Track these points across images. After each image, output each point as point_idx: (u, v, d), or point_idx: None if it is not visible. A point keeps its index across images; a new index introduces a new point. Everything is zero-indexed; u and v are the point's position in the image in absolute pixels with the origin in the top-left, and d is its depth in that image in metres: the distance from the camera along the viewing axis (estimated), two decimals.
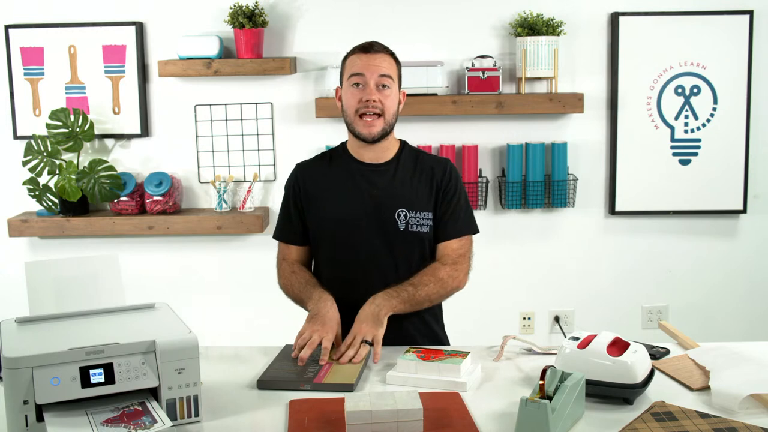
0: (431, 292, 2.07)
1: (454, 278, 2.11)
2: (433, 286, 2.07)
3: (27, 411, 1.44)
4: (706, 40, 3.45)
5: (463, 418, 1.57)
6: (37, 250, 3.54)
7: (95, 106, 3.46)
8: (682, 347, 1.98)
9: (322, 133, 3.47)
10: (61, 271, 1.76)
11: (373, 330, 1.94)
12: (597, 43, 3.48)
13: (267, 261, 3.53)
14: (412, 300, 2.04)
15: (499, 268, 3.55)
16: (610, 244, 3.60)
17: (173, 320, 1.66)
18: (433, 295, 2.08)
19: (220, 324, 3.54)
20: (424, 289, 2.06)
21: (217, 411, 1.63)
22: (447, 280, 2.10)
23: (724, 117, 3.49)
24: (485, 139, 3.51)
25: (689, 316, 3.61)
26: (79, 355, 1.47)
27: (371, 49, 2.12)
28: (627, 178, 3.52)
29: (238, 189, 3.52)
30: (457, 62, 3.47)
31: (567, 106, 3.38)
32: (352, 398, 1.52)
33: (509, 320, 3.63)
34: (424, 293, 2.06)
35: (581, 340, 1.71)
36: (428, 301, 2.08)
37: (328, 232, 2.16)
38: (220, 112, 3.49)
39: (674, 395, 1.67)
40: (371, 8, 3.43)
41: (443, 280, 2.09)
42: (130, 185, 3.41)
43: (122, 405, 1.49)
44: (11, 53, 3.42)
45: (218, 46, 3.33)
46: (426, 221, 2.13)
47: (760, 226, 3.60)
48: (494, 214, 3.54)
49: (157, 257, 3.54)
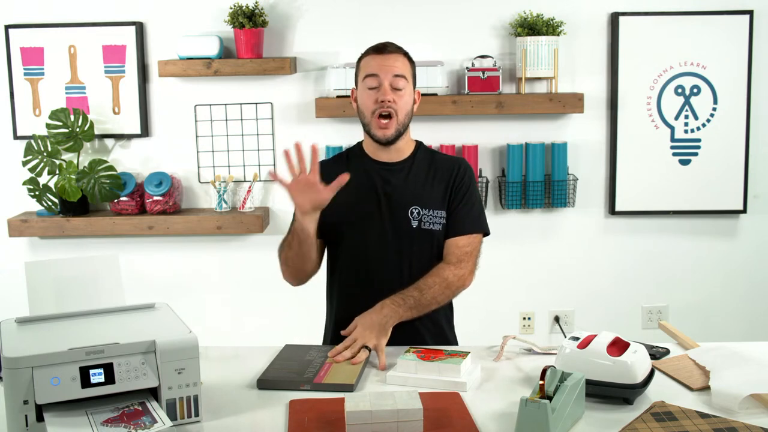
0: (437, 293, 2.08)
1: (459, 277, 2.11)
2: (438, 287, 2.08)
3: (27, 411, 1.44)
4: (706, 40, 3.45)
5: (463, 418, 1.57)
6: (37, 250, 3.54)
7: (95, 106, 3.46)
8: (682, 347, 1.98)
9: (322, 133, 3.48)
10: (61, 271, 1.76)
11: (376, 339, 1.93)
12: (597, 43, 3.48)
13: (267, 261, 3.54)
14: (418, 305, 2.05)
15: (499, 268, 3.54)
16: (610, 244, 3.60)
17: (173, 320, 1.66)
18: (439, 296, 2.08)
19: (220, 324, 3.54)
20: (430, 292, 2.07)
21: (217, 411, 1.63)
22: (452, 279, 2.10)
23: (724, 117, 3.49)
24: (485, 139, 3.51)
25: (689, 316, 3.61)
26: (79, 355, 1.47)
27: (385, 49, 2.14)
28: (627, 178, 3.52)
29: (238, 189, 3.52)
30: (457, 62, 3.47)
31: (567, 106, 3.38)
32: (352, 398, 1.52)
33: (509, 320, 3.63)
34: (429, 296, 2.06)
35: (581, 340, 1.71)
36: (435, 302, 2.08)
37: (342, 229, 2.16)
38: (220, 112, 3.49)
39: (674, 395, 1.67)
40: (371, 8, 3.44)
41: (448, 280, 2.09)
42: (130, 185, 3.41)
43: (122, 405, 1.49)
44: (11, 53, 3.42)
45: (218, 46, 3.33)
46: (439, 219, 2.14)
47: (760, 226, 3.60)
48: (494, 214, 3.54)
49: (157, 257, 3.54)
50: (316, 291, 2.33)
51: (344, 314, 2.15)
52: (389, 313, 1.99)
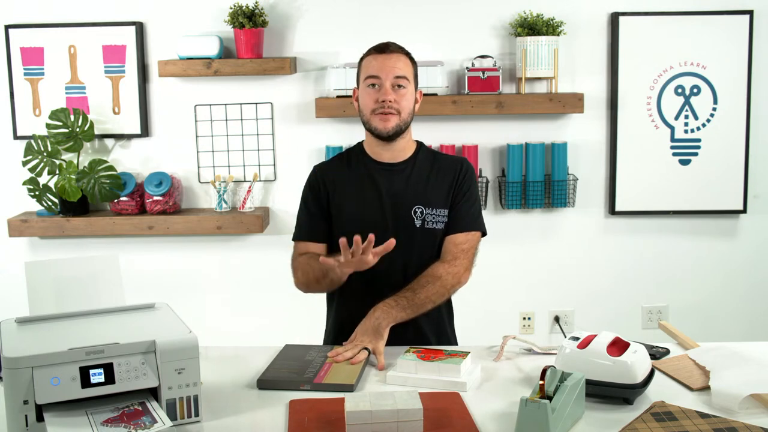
0: (431, 292, 2.07)
1: (453, 274, 2.11)
2: (431, 286, 2.07)
3: (27, 411, 1.44)
4: (706, 40, 3.45)
5: (463, 418, 1.57)
6: (37, 250, 3.54)
7: (95, 106, 3.46)
8: (682, 347, 1.98)
9: (322, 133, 3.48)
10: (61, 271, 1.76)
11: (373, 343, 1.94)
12: (597, 43, 3.48)
13: (267, 261, 3.56)
14: (411, 305, 2.04)
15: (499, 268, 3.55)
16: (610, 244, 3.60)
17: (173, 320, 1.66)
18: (433, 295, 2.08)
19: (220, 324, 3.54)
20: (423, 291, 2.06)
21: (217, 411, 1.63)
22: (446, 277, 2.10)
23: (724, 117, 3.49)
24: (485, 139, 3.51)
25: (689, 316, 3.61)
26: (79, 355, 1.47)
27: (387, 49, 2.14)
28: (627, 178, 3.52)
29: (238, 189, 3.52)
30: (457, 62, 3.47)
31: (567, 106, 3.38)
32: (352, 398, 1.52)
33: (509, 320, 3.63)
34: (423, 295, 2.06)
35: (581, 340, 1.71)
36: (430, 301, 2.08)
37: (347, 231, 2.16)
38: (220, 112, 3.49)
39: (674, 395, 1.67)
40: (371, 8, 3.44)
41: (442, 278, 2.09)
42: (130, 185, 3.41)
43: (122, 405, 1.49)
44: (11, 53, 3.42)
45: (218, 46, 3.33)
46: (442, 218, 2.15)
47: (760, 226, 3.60)
48: (494, 214, 3.54)
49: (157, 257, 3.54)
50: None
51: (347, 314, 2.16)
52: (381, 315, 2.00)
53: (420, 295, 2.06)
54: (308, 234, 2.22)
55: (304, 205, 2.24)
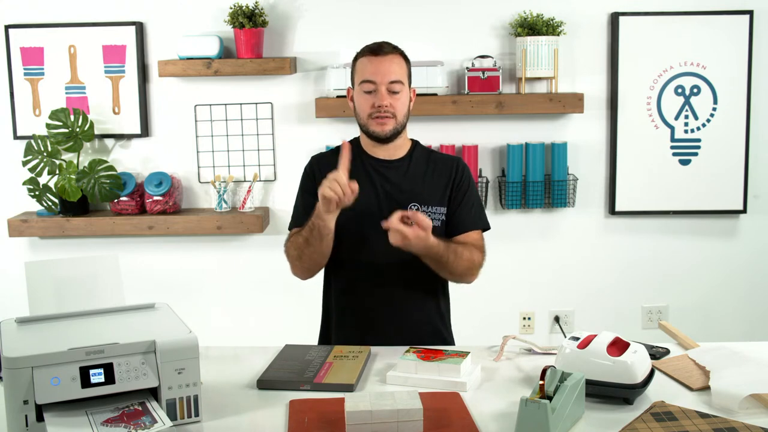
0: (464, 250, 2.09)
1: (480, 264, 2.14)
2: (465, 249, 2.09)
3: (27, 411, 1.44)
4: (706, 40, 3.45)
5: (463, 418, 1.57)
6: (37, 250, 3.54)
7: (95, 106, 3.46)
8: (682, 347, 1.98)
9: (322, 133, 3.48)
10: (61, 271, 1.76)
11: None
12: (597, 43, 3.48)
13: (267, 261, 3.56)
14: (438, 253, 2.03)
15: (499, 268, 3.54)
16: (610, 244, 3.60)
17: (173, 320, 1.66)
18: (464, 254, 2.09)
19: (220, 324, 3.54)
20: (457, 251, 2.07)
21: (217, 411, 1.63)
22: (476, 261, 2.13)
23: (724, 117, 3.49)
24: (485, 139, 3.51)
25: (689, 316, 3.61)
26: (79, 355, 1.47)
27: (381, 51, 2.13)
28: (627, 178, 3.52)
29: (238, 189, 3.52)
30: (457, 62, 3.47)
31: (567, 106, 3.38)
32: (352, 398, 1.52)
33: (509, 320, 3.63)
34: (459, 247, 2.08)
35: (581, 340, 1.71)
36: (453, 261, 2.07)
37: (341, 225, 2.16)
38: (220, 112, 3.49)
39: (674, 395, 1.67)
40: (371, 8, 3.44)
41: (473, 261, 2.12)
42: (130, 185, 3.41)
43: (122, 405, 1.49)
44: (11, 53, 3.42)
45: (218, 46, 3.33)
46: (438, 216, 2.16)
47: (760, 226, 3.60)
48: (494, 214, 3.54)
49: (157, 257, 3.54)
50: (315, 291, 2.34)
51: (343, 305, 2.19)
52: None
53: (454, 245, 2.08)
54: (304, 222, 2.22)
55: (301, 194, 2.26)
